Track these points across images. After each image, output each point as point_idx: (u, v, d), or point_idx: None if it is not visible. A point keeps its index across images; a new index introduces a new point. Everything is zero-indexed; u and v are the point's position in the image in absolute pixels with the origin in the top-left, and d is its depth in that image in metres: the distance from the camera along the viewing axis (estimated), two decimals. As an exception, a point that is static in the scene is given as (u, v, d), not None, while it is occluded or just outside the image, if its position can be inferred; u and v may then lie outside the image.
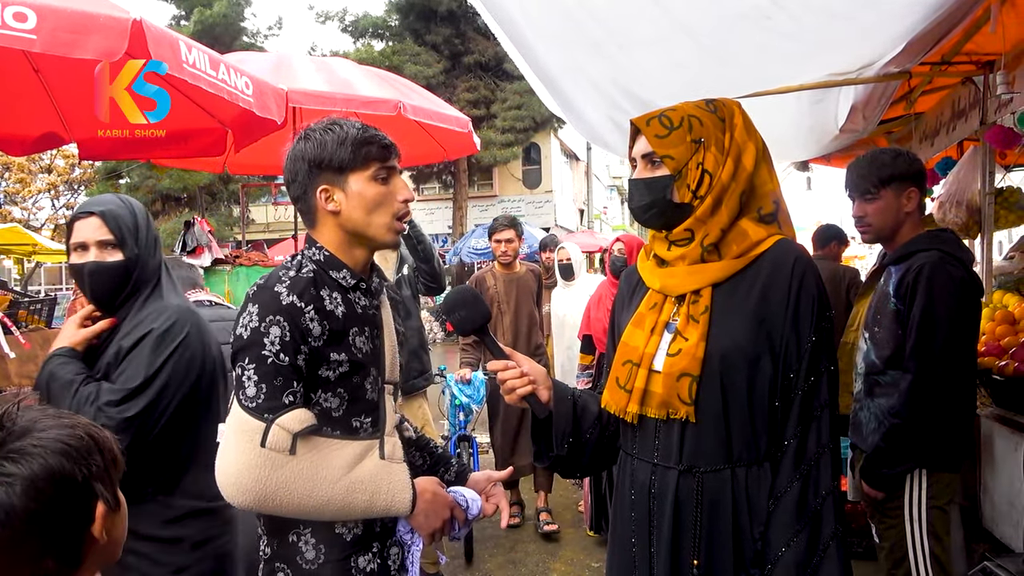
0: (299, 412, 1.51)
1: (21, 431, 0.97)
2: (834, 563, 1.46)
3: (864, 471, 2.46)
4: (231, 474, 1.50)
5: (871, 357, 2.52)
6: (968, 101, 4.44)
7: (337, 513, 1.56)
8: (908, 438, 2.34)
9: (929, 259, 2.37)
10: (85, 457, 0.99)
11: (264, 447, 1.48)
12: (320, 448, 1.54)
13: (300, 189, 1.64)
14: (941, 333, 2.31)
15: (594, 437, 1.71)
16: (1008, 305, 3.89)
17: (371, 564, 1.63)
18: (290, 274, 1.58)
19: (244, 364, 1.51)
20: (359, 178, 1.61)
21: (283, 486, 1.49)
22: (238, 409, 1.51)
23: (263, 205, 24.12)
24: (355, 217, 1.61)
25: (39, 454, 0.95)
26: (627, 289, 1.77)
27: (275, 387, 1.50)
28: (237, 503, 1.52)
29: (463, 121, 5.31)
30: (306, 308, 1.53)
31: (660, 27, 3.02)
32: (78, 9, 2.70)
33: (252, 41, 22.99)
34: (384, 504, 1.58)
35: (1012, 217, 4.90)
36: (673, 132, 1.56)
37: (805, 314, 1.51)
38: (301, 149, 1.62)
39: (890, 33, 3.00)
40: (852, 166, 2.58)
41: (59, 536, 0.97)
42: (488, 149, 20.52)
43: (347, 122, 1.64)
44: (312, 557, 1.59)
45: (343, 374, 1.58)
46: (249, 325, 1.52)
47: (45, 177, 25.82)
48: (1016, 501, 3.16)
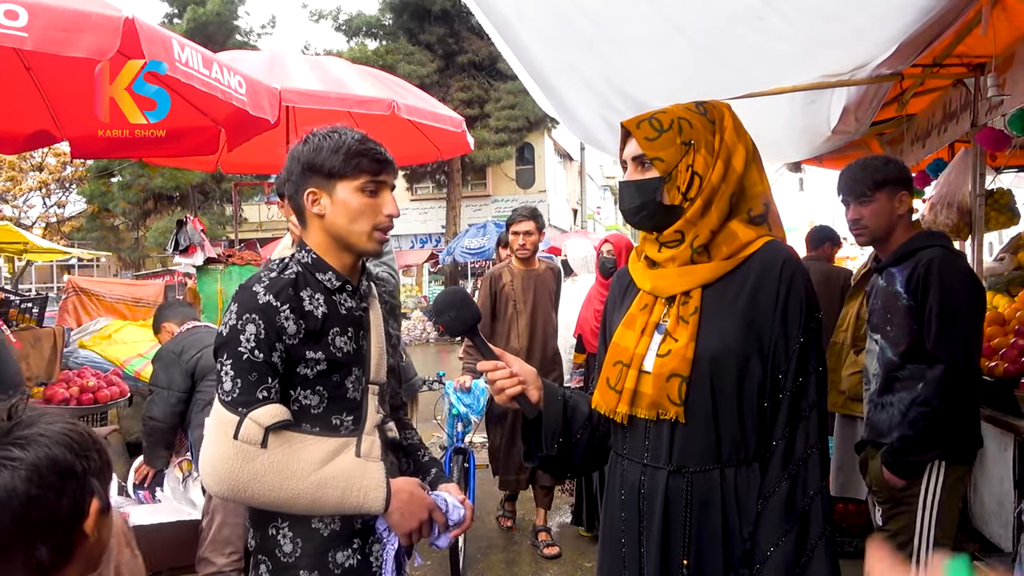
0: (272, 407, 1.57)
1: (28, 421, 1.04)
2: (822, 562, 1.47)
3: (889, 459, 2.52)
4: (208, 464, 1.57)
5: (888, 356, 2.58)
6: (959, 103, 4.47)
7: (308, 507, 1.60)
8: (937, 425, 2.41)
9: (935, 254, 2.46)
10: (85, 452, 1.05)
11: (237, 439, 1.54)
12: (292, 443, 1.59)
13: (292, 188, 1.70)
14: (961, 321, 2.40)
15: (584, 437, 1.71)
16: (998, 306, 3.92)
17: (350, 560, 1.67)
18: (271, 275, 1.65)
19: (223, 360, 1.59)
20: (347, 187, 1.66)
21: (254, 478, 1.54)
22: (217, 402, 1.59)
23: (256, 204, 24.04)
24: (337, 223, 1.67)
25: (44, 443, 1.02)
26: (619, 290, 1.77)
27: (249, 382, 1.56)
28: (214, 492, 1.58)
29: (457, 121, 5.31)
30: (281, 307, 1.60)
31: (654, 27, 3.03)
32: (70, 7, 2.69)
33: (245, 39, 22.93)
34: (356, 501, 1.62)
35: (1002, 219, 4.93)
36: (663, 134, 1.56)
37: (793, 315, 1.51)
38: (298, 151, 1.69)
39: (882, 35, 3.01)
40: (845, 172, 2.65)
41: (55, 524, 1.01)
42: (482, 149, 20.53)
43: (348, 131, 1.69)
44: (289, 550, 1.64)
45: (321, 372, 1.63)
46: (228, 323, 1.60)
47: (36, 175, 25.71)
48: (1005, 501, 3.19)
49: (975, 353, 2.47)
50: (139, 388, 5.31)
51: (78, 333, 6.12)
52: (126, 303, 8.02)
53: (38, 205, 26.70)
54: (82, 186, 24.40)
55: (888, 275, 2.60)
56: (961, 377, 2.39)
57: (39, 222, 26.26)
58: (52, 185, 25.94)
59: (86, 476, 1.04)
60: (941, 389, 2.38)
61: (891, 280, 2.58)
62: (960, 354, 2.38)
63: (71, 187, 26.15)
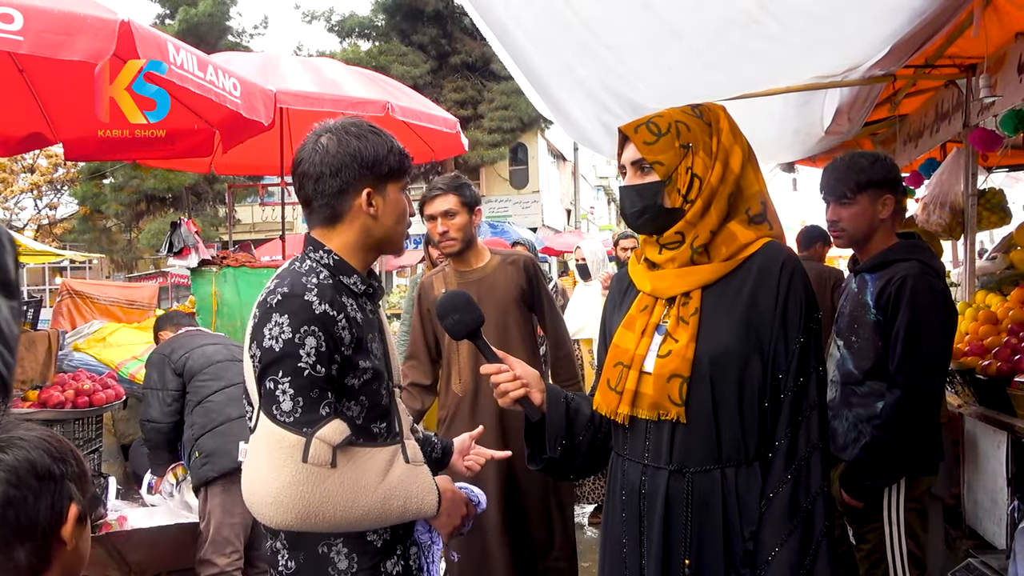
0: (336, 423, 1.48)
1: (6, 427, 1.06)
2: (824, 561, 1.49)
3: (845, 482, 2.44)
4: (270, 493, 1.45)
5: (848, 366, 2.50)
6: (951, 104, 4.50)
7: (376, 521, 1.54)
8: (892, 453, 2.34)
9: (910, 271, 2.35)
10: (63, 457, 1.07)
11: (306, 462, 1.44)
12: (356, 458, 1.51)
13: (340, 185, 1.57)
14: (927, 347, 2.31)
15: (587, 439, 1.72)
16: (991, 305, 3.94)
17: (396, 567, 1.63)
18: (313, 280, 1.53)
19: (278, 378, 1.46)
20: (395, 187, 1.63)
21: (326, 500, 1.45)
22: (271, 424, 1.46)
23: (249, 205, 23.95)
24: (388, 224, 1.62)
25: (23, 447, 1.04)
26: (618, 292, 1.79)
27: (312, 399, 1.46)
28: (277, 523, 1.47)
29: (450, 121, 5.31)
30: (338, 316, 1.51)
31: (649, 30, 3.04)
32: (65, 10, 2.69)
33: (238, 40, 22.84)
34: (416, 507, 1.59)
35: (994, 218, 4.97)
36: (661, 138, 1.58)
37: (793, 316, 1.53)
38: (356, 147, 1.57)
39: (875, 37, 3.03)
40: (829, 169, 2.54)
41: (32, 527, 1.03)
42: (475, 149, 20.50)
43: (381, 129, 1.65)
44: (345, 567, 1.56)
45: (366, 381, 1.57)
46: (281, 337, 1.46)
47: (28, 177, 25.56)
48: (999, 498, 3.21)
49: (939, 378, 2.38)
50: (134, 391, 5.29)
51: (73, 336, 6.09)
52: (120, 305, 7.98)
53: (29, 207, 26.56)
54: (74, 188, 24.28)
55: (861, 281, 2.51)
56: (919, 404, 2.30)
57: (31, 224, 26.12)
58: (44, 187, 25.81)
59: (64, 480, 1.06)
60: (895, 420, 2.30)
61: (863, 287, 2.48)
62: (921, 381, 2.29)
63: (63, 189, 26.02)
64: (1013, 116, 3.71)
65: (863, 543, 2.52)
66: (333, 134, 1.60)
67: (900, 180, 2.57)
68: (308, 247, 1.63)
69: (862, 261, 2.55)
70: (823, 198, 2.57)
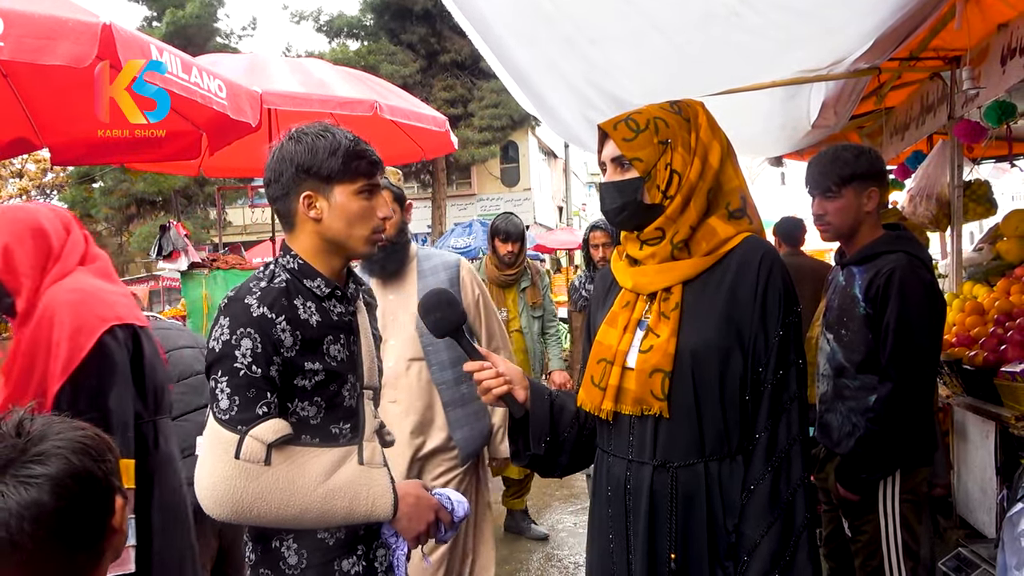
0: (273, 423, 1.51)
1: (39, 436, 1.03)
2: (805, 552, 1.50)
3: (841, 475, 2.46)
4: (207, 486, 1.50)
5: (838, 359, 2.50)
6: (936, 96, 4.52)
7: (317, 521, 1.56)
8: (887, 445, 2.35)
9: (898, 263, 2.35)
10: (102, 455, 1.07)
11: (239, 459, 1.48)
12: (296, 457, 1.54)
13: (282, 190, 1.62)
14: (919, 339, 2.32)
15: (572, 436, 1.73)
16: (978, 296, 3.96)
17: (356, 567, 1.64)
18: (261, 285, 1.58)
19: (217, 377, 1.52)
20: (344, 191, 1.60)
21: (260, 497, 1.49)
22: (213, 421, 1.52)
23: (239, 207, 23.89)
24: (335, 227, 1.61)
25: (61, 455, 1.02)
26: (602, 289, 1.79)
27: (248, 399, 1.50)
28: (215, 515, 1.52)
29: (440, 120, 5.31)
30: (277, 319, 1.54)
31: (631, 24, 3.04)
32: (46, 14, 2.67)
33: (226, 42, 22.76)
34: (365, 510, 1.59)
35: (980, 209, 5.00)
36: (640, 135, 1.58)
37: (772, 309, 1.54)
38: (291, 151, 1.60)
39: (858, 30, 3.04)
40: (813, 162, 2.54)
41: (86, 531, 1.04)
42: (466, 148, 20.49)
43: (340, 131, 1.62)
44: (295, 562, 1.60)
45: (319, 383, 1.58)
46: (220, 338, 1.52)
47: (16, 182, 25.42)
48: (988, 488, 3.22)
49: (930, 369, 2.40)
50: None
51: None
52: (111, 309, 7.94)
53: (18, 212, 26.42)
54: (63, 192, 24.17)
55: (849, 274, 2.51)
56: (911, 396, 2.32)
57: (20, 229, 25.91)
58: (33, 192, 25.67)
59: (107, 478, 1.06)
60: (888, 413, 2.31)
61: (851, 280, 2.49)
62: (913, 373, 2.31)
63: (52, 193, 25.89)
64: (996, 107, 3.73)
65: (859, 535, 2.53)
66: (288, 139, 1.62)
67: (885, 172, 2.57)
68: (281, 251, 1.68)
69: (849, 254, 2.55)
70: (808, 192, 2.57)
